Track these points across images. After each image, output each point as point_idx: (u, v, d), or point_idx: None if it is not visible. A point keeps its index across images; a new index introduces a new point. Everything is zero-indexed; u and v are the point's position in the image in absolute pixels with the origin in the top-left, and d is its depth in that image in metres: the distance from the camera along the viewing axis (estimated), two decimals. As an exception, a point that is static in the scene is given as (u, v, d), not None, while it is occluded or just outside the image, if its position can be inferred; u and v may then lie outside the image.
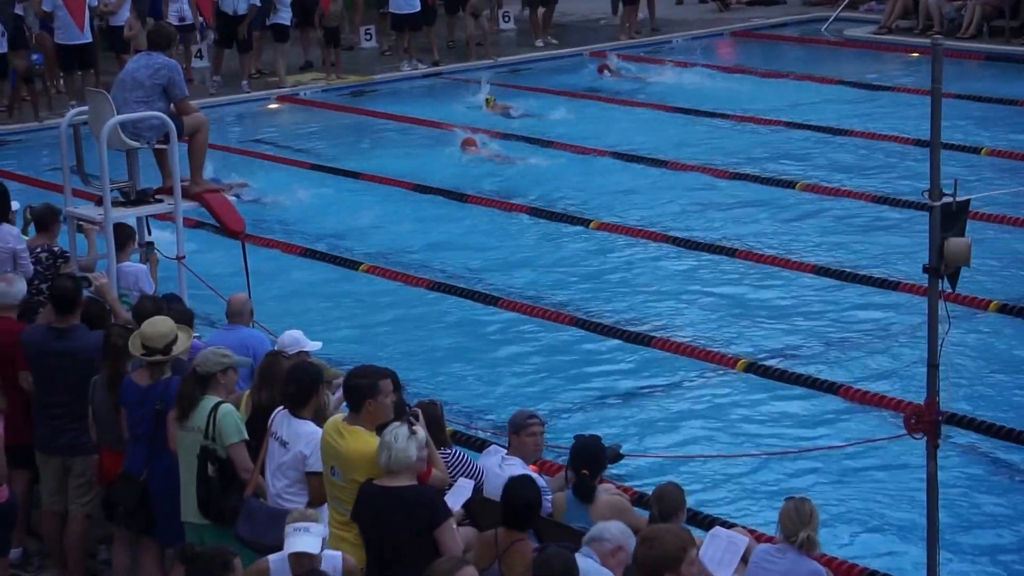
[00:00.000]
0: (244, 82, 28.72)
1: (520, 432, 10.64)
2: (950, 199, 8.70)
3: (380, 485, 8.95)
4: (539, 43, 31.68)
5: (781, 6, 34.67)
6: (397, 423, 9.10)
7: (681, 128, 25.19)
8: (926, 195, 8.76)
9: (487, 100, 27.11)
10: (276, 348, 11.33)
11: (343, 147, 25.00)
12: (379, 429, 9.20)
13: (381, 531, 8.90)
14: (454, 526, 9.06)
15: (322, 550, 8.57)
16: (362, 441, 9.19)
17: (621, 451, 11.14)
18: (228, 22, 28.44)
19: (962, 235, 8.82)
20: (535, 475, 10.20)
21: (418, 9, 29.79)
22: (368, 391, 9.30)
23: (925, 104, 8.63)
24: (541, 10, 31.97)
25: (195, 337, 11.48)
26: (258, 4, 28.32)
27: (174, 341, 10.52)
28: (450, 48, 31.86)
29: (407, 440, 8.89)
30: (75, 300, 11.43)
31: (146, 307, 11.34)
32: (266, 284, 16.27)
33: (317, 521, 8.56)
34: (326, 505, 9.59)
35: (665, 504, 9.52)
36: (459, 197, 21.55)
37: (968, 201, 8.82)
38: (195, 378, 10.14)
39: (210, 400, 10.05)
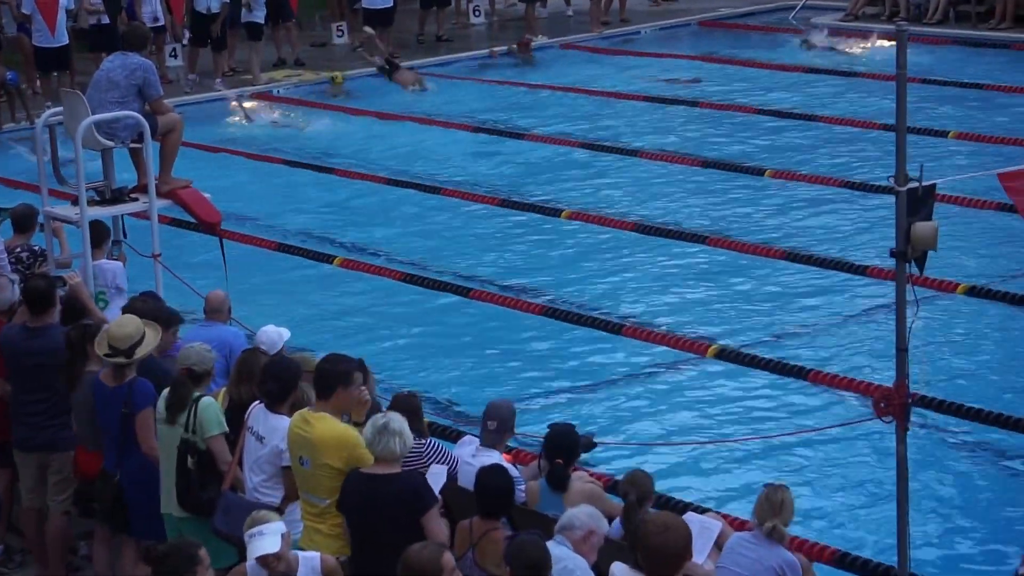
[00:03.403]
0: (218, 80, 28.71)
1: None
2: (916, 184, 8.75)
3: (368, 473, 9.03)
4: (538, 39, 31.73)
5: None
6: (389, 412, 9.21)
7: (651, 116, 25.31)
8: (892, 180, 8.81)
9: (332, 78, 28.21)
10: (256, 345, 11.38)
11: (318, 142, 25.03)
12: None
13: (369, 519, 8.98)
14: (439, 513, 9.17)
15: (286, 545, 8.55)
16: (330, 426, 9.29)
17: (594, 439, 11.23)
18: (202, 21, 28.45)
19: (929, 219, 8.87)
20: (508, 464, 10.29)
21: (390, 5, 29.84)
22: (342, 378, 9.42)
23: (892, 89, 8.71)
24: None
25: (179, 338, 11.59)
26: (228, 2, 28.35)
27: (139, 343, 10.54)
28: (420, 43, 31.90)
29: (407, 426, 9.02)
30: (49, 300, 11.46)
31: (137, 307, 11.42)
32: (239, 277, 16.30)
33: (270, 521, 8.59)
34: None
35: (641, 488, 9.62)
36: (433, 190, 21.65)
37: (934, 185, 8.87)
38: (191, 378, 10.20)
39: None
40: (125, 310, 11.43)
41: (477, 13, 34.12)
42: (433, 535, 8.88)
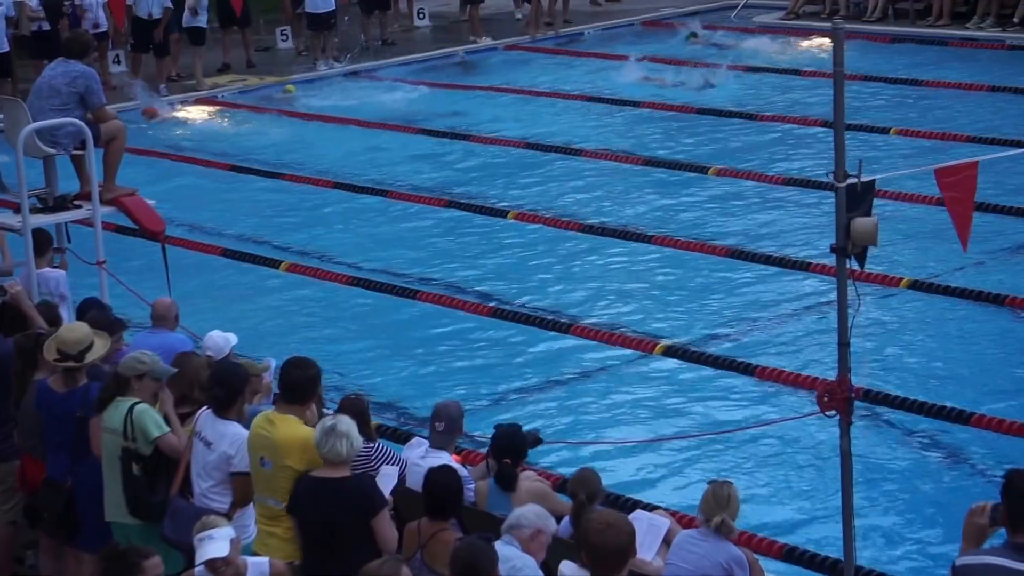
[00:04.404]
0: (162, 86, 28.63)
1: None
2: (855, 180, 8.81)
3: (317, 476, 9.06)
4: (482, 40, 31.76)
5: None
6: (337, 415, 9.24)
7: (594, 116, 25.40)
8: (831, 176, 8.87)
9: (287, 88, 28.36)
10: (208, 352, 11.38)
11: (264, 147, 25.00)
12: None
13: (319, 522, 9.00)
14: (389, 516, 9.20)
15: (235, 550, 8.52)
16: (294, 428, 9.31)
17: (540, 436, 11.27)
18: (143, 27, 28.35)
19: (868, 215, 8.93)
20: (457, 465, 10.32)
21: (333, 8, 29.83)
22: (316, 384, 9.55)
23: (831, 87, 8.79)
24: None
25: (125, 345, 11.56)
26: (171, 7, 28.29)
27: (89, 348, 10.53)
28: (364, 48, 31.88)
29: (355, 428, 9.05)
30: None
31: (90, 317, 11.39)
32: (186, 284, 16.29)
33: (219, 526, 8.57)
34: (251, 506, 9.70)
35: (591, 487, 9.67)
36: (379, 192, 21.67)
37: (873, 181, 8.93)
38: (115, 379, 10.20)
39: (126, 401, 10.08)
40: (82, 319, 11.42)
41: (421, 16, 34.11)
42: (383, 537, 8.92)
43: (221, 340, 11.50)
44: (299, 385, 9.49)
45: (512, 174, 22.38)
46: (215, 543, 8.40)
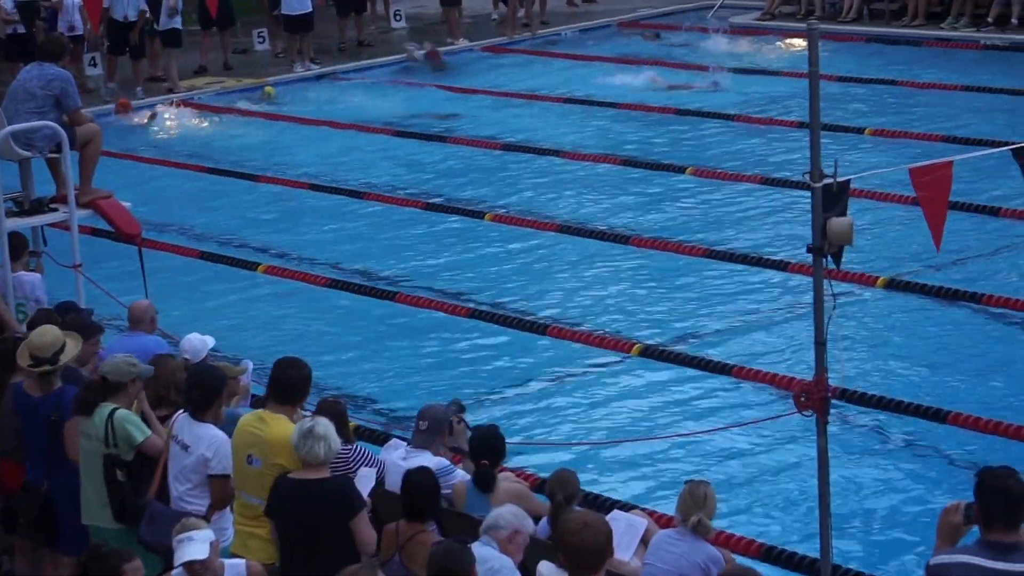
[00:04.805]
0: (139, 88, 28.58)
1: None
2: (831, 180, 8.85)
3: (297, 479, 9.07)
4: (459, 42, 31.75)
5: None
6: (315, 417, 9.25)
7: (572, 117, 25.43)
8: (807, 177, 8.90)
9: (266, 90, 28.22)
10: (184, 355, 11.38)
11: (240, 149, 24.98)
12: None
13: (299, 524, 9.01)
14: (367, 517, 9.22)
15: (214, 553, 8.54)
16: (286, 427, 9.34)
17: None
18: (119, 29, 28.29)
19: (844, 214, 8.97)
20: (447, 463, 10.33)
21: (310, 10, 29.81)
22: (309, 382, 9.64)
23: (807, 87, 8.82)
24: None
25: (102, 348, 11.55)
26: (147, 9, 28.25)
27: (61, 350, 10.53)
28: (341, 50, 31.88)
29: (333, 430, 9.07)
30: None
31: (67, 320, 11.37)
32: (163, 286, 16.27)
33: (199, 528, 8.58)
34: (228, 509, 9.70)
35: (569, 488, 9.69)
36: (356, 194, 21.67)
37: (848, 181, 8.97)
38: (103, 385, 10.17)
39: (105, 407, 10.07)
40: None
41: (398, 17, 34.10)
42: (362, 539, 8.95)
43: (198, 343, 11.52)
44: (292, 385, 9.55)
45: (489, 175, 22.40)
46: (195, 545, 8.41)
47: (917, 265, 17.05)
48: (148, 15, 28.33)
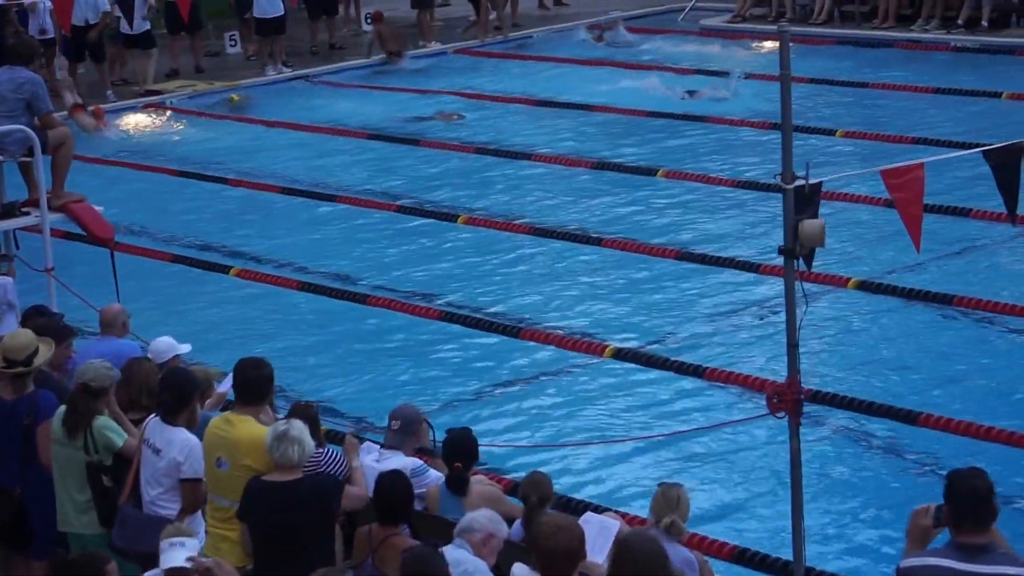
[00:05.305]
0: (109, 92, 28.52)
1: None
2: (803, 182, 8.87)
3: (270, 481, 9.07)
4: (431, 45, 31.74)
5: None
6: (290, 420, 9.26)
7: (544, 119, 25.45)
8: (779, 179, 8.92)
9: (231, 98, 28.14)
10: (148, 356, 11.38)
11: (212, 153, 24.95)
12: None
13: (273, 526, 9.02)
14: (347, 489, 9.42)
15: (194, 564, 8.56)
16: (255, 428, 9.36)
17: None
18: (78, 33, 28.17)
19: (816, 216, 8.99)
20: (420, 464, 10.32)
21: (282, 13, 29.79)
22: (271, 381, 9.63)
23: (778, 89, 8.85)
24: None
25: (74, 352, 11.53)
26: (109, 10, 28.17)
27: (35, 352, 10.52)
28: (313, 53, 31.86)
29: (307, 433, 9.08)
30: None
31: (39, 323, 11.34)
32: (135, 290, 16.24)
33: (192, 536, 8.58)
34: (200, 513, 9.69)
35: (543, 490, 9.69)
36: (328, 197, 21.66)
37: (820, 183, 8.99)
38: (89, 393, 10.15)
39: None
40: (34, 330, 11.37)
41: (369, 20, 34.06)
42: (354, 496, 9.50)
43: (163, 345, 11.53)
44: (254, 384, 9.56)
45: (462, 178, 22.41)
46: (185, 551, 8.38)
47: (889, 266, 17.10)
48: (111, 17, 28.21)
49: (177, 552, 8.39)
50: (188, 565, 8.31)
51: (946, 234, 17.78)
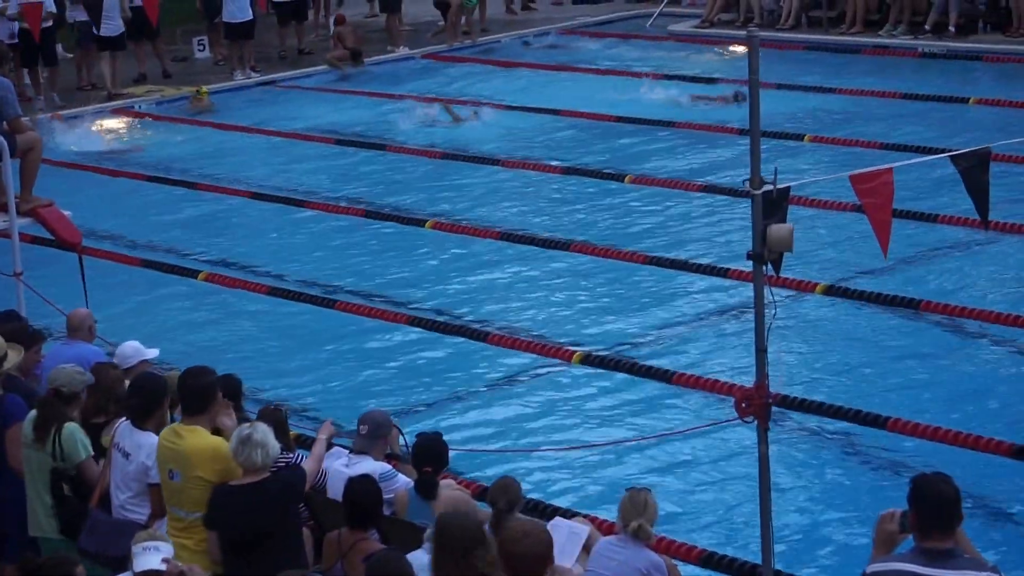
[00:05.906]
0: (54, 95, 28.44)
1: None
2: (771, 187, 8.88)
3: (236, 485, 9.07)
4: (400, 50, 31.73)
5: (608, 3, 35.17)
6: (254, 423, 9.24)
7: (511, 124, 25.46)
8: (747, 184, 8.93)
9: (197, 90, 28.24)
10: (114, 361, 11.35)
11: (180, 158, 24.90)
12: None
13: (242, 529, 9.03)
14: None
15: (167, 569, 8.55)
16: (203, 438, 9.34)
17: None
18: (31, 38, 28.08)
19: (784, 221, 9.01)
20: (389, 468, 10.33)
21: (251, 18, 29.74)
22: (214, 390, 9.54)
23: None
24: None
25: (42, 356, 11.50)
26: (54, 11, 28.10)
27: (4, 357, 10.50)
28: (282, 58, 31.81)
29: (272, 436, 9.07)
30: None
31: (8, 328, 11.32)
32: (104, 295, 16.19)
33: (168, 542, 8.58)
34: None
35: (511, 495, 9.69)
36: (296, 202, 21.64)
37: (788, 188, 9.00)
38: (60, 399, 10.12)
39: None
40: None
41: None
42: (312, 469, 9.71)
43: (129, 350, 11.51)
44: (195, 394, 9.49)
45: (430, 183, 22.40)
46: (159, 555, 8.37)
47: (856, 271, 17.16)
48: (57, 17, 28.16)
49: (151, 556, 8.39)
50: (163, 567, 8.30)
51: (914, 239, 17.85)
